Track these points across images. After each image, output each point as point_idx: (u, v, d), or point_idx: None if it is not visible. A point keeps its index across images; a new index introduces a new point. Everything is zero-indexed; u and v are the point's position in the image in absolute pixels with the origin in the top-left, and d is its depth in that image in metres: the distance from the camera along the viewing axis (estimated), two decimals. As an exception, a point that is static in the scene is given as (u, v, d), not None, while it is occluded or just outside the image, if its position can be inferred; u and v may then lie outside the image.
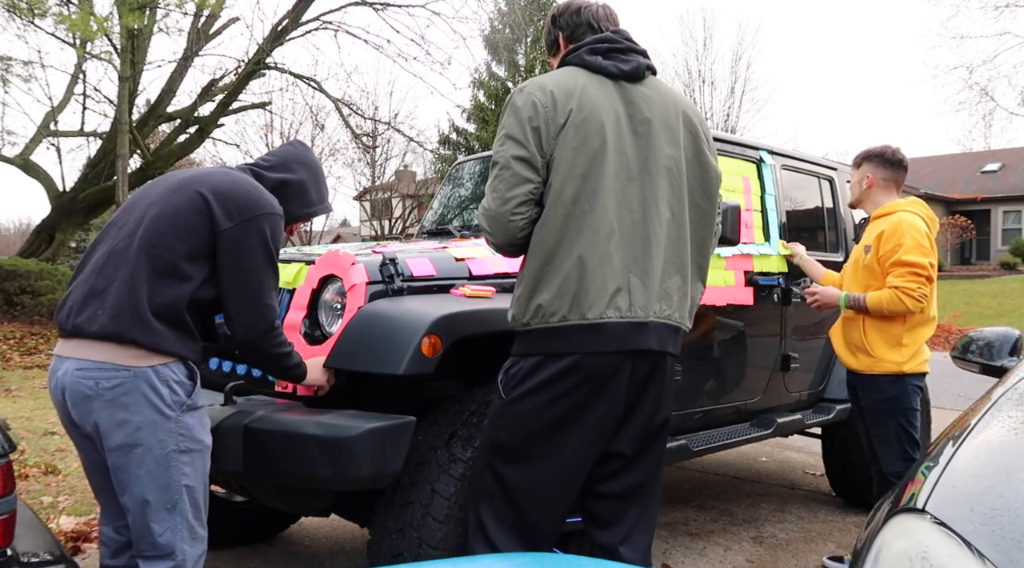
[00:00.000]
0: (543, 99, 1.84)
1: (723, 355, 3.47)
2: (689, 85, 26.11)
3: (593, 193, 1.83)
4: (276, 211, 2.01)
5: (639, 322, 1.86)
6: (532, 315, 1.85)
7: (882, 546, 1.20)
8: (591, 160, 1.84)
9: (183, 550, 1.91)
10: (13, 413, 5.87)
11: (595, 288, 1.82)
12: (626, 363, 1.86)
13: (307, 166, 2.25)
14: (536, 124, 1.82)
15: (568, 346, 1.83)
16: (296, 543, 3.59)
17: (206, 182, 1.97)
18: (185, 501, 1.91)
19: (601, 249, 1.83)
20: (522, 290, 1.89)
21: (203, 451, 1.97)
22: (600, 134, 1.85)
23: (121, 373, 1.83)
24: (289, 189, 2.17)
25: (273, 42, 12.20)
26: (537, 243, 1.85)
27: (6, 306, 10.68)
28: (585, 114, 1.84)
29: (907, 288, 2.86)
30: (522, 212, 1.84)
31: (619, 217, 1.86)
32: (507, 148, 1.84)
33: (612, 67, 1.93)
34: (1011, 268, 24.41)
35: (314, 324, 2.41)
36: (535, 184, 1.83)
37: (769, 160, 3.73)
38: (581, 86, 1.88)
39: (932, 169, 29.99)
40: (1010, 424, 1.46)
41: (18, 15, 10.69)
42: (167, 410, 1.86)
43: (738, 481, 4.78)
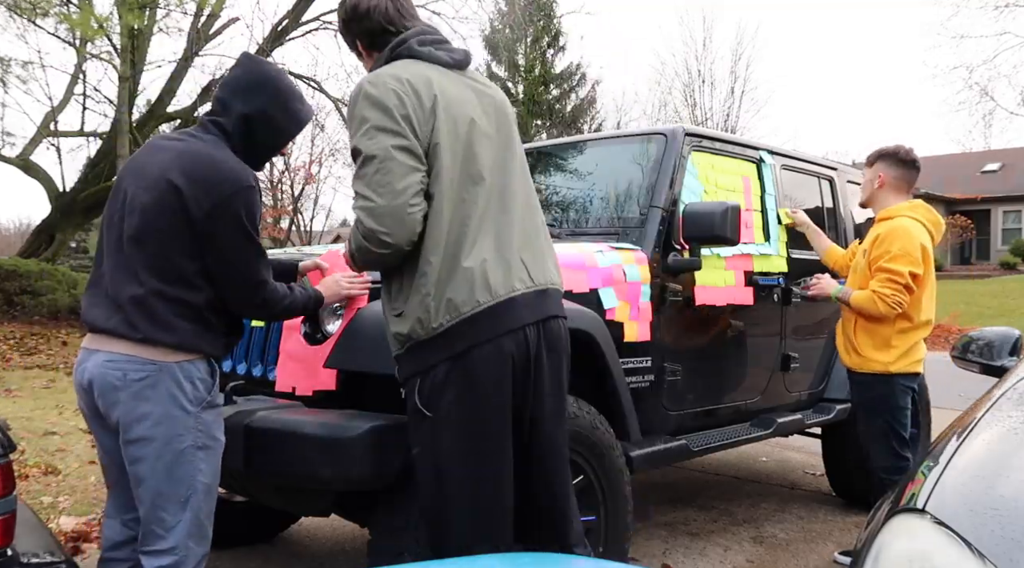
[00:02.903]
0: (403, 88, 1.77)
1: (723, 355, 3.47)
2: (689, 85, 26.09)
3: (474, 176, 1.82)
4: (245, 184, 1.93)
5: (541, 289, 1.87)
6: (444, 313, 1.74)
7: (882, 546, 1.20)
8: (465, 144, 1.81)
9: (188, 547, 1.93)
10: (13, 413, 5.87)
11: (499, 266, 1.80)
12: (533, 334, 1.83)
13: (262, 88, 2.03)
14: (404, 112, 1.75)
15: (483, 332, 1.76)
16: (296, 543, 3.59)
17: (179, 165, 1.92)
18: (199, 497, 1.94)
19: (493, 228, 1.82)
20: (426, 291, 1.75)
21: (218, 449, 2.00)
22: (466, 117, 1.84)
23: (148, 366, 1.87)
24: (252, 123, 2.02)
25: (273, 42, 12.20)
26: (433, 237, 1.75)
27: (6, 306, 10.68)
28: (448, 98, 1.81)
29: (883, 293, 2.96)
30: (417, 203, 1.73)
31: (500, 196, 1.86)
32: (380, 140, 1.73)
33: (446, 57, 1.90)
34: (1011, 268, 24.41)
35: (314, 324, 2.41)
36: (422, 173, 1.76)
37: (769, 160, 3.73)
38: (432, 75, 1.83)
39: (932, 169, 29.91)
40: (1010, 424, 1.46)
41: (19, 15, 10.69)
42: (188, 406, 1.90)
43: (738, 481, 4.78)
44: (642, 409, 2.89)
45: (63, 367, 8.08)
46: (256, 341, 2.58)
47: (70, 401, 6.25)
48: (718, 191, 3.37)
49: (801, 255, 3.82)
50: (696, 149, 3.32)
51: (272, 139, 2.09)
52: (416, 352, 1.80)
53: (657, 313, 3.01)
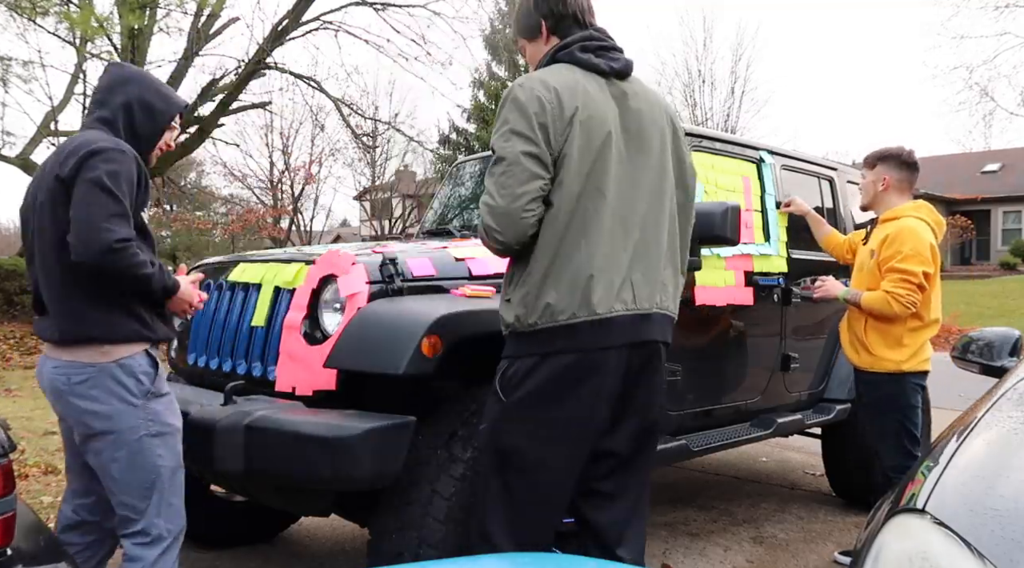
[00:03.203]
0: (548, 96, 1.82)
1: (723, 355, 3.47)
2: (689, 85, 26.08)
3: (597, 190, 1.84)
4: (106, 146, 1.99)
5: (644, 313, 1.89)
6: (540, 314, 1.83)
7: (882, 546, 1.20)
8: (595, 157, 1.84)
9: (160, 525, 2.07)
10: (13, 413, 5.87)
11: (603, 283, 1.83)
12: (626, 356, 1.87)
13: (134, 80, 2.18)
14: (543, 120, 1.81)
15: (576, 343, 1.83)
16: (296, 543, 3.59)
17: (54, 160, 2.05)
18: (163, 480, 2.07)
19: (607, 245, 1.84)
20: (527, 290, 1.86)
21: (174, 433, 2.12)
22: (602, 131, 1.86)
23: (87, 369, 2.00)
24: (132, 110, 2.14)
25: (273, 42, 12.20)
26: (544, 241, 1.84)
27: (6, 306, 10.69)
28: (589, 112, 1.85)
29: (896, 294, 2.96)
30: (533, 209, 1.82)
31: (621, 213, 1.88)
32: (514, 144, 1.81)
33: (604, 65, 1.93)
34: (1011, 268, 24.40)
35: (314, 324, 2.41)
36: (545, 181, 1.82)
37: (769, 160, 3.73)
38: (581, 84, 1.88)
39: (932, 169, 29.93)
40: (1010, 424, 1.46)
41: (20, 14, 10.69)
42: (134, 399, 2.03)
43: (738, 481, 4.78)
44: (642, 409, 2.88)
45: (63, 367, 8.07)
46: (256, 341, 2.58)
47: (70, 401, 6.26)
48: (718, 191, 3.37)
49: (801, 255, 3.83)
50: (696, 149, 3.32)
51: (152, 122, 2.18)
52: (513, 339, 1.91)
53: (657, 313, 3.00)
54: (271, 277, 2.62)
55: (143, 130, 2.17)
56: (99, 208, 1.92)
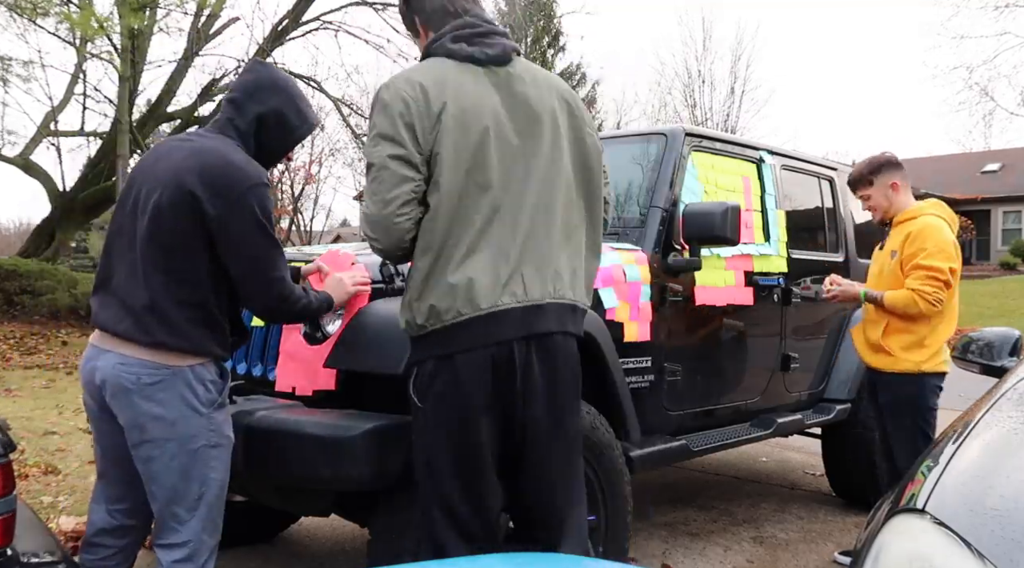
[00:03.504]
0: (413, 93, 1.75)
1: (723, 355, 3.47)
2: (689, 85, 26.11)
3: (479, 185, 1.77)
4: (258, 181, 1.96)
5: (534, 305, 1.80)
6: (427, 317, 1.77)
7: (882, 546, 1.20)
8: (473, 152, 1.76)
9: (202, 540, 2.00)
10: (13, 413, 5.87)
11: (487, 278, 1.75)
12: (522, 348, 1.78)
13: (276, 89, 2.08)
14: (408, 120, 1.74)
15: (465, 341, 1.75)
16: (296, 543, 3.59)
17: (192, 165, 1.94)
18: (212, 493, 2.00)
19: (490, 240, 1.77)
20: (412, 293, 1.80)
21: (229, 446, 2.05)
22: (479, 124, 1.77)
23: (161, 370, 1.92)
24: (266, 123, 2.07)
25: (273, 42, 12.21)
26: (425, 243, 1.77)
27: (6, 306, 10.69)
28: (461, 104, 1.76)
29: (923, 291, 2.91)
30: (406, 212, 1.75)
31: (507, 205, 1.79)
32: (381, 148, 1.75)
33: (479, 53, 1.83)
34: (1011, 268, 24.39)
35: (314, 324, 2.41)
36: (416, 182, 1.75)
37: (769, 160, 3.73)
38: (452, 76, 1.79)
39: (932, 169, 29.96)
40: (1010, 424, 1.46)
41: (20, 15, 10.69)
42: (201, 407, 1.96)
43: (738, 481, 4.78)
44: (642, 409, 2.89)
45: (63, 367, 8.08)
46: (256, 341, 2.58)
47: (70, 401, 6.26)
48: (718, 191, 3.37)
49: (801, 255, 3.83)
50: (696, 149, 3.32)
51: (283, 140, 2.12)
52: (413, 344, 1.86)
53: (657, 313, 3.00)
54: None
55: (271, 149, 2.11)
56: (266, 260, 1.96)
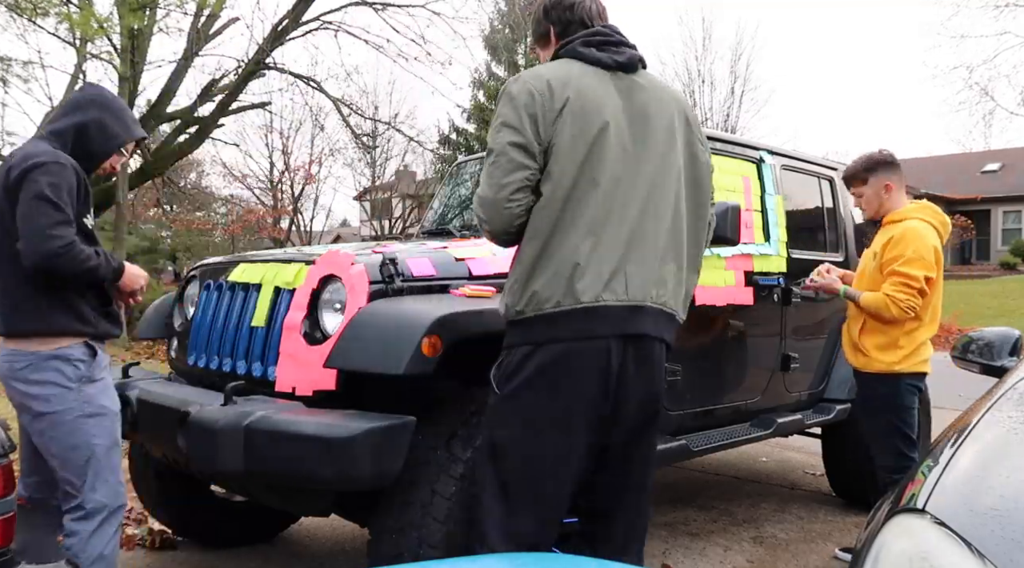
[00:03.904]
0: (539, 87, 1.83)
1: (723, 355, 3.47)
2: (689, 85, 26.06)
3: (591, 180, 1.82)
4: (43, 161, 2.20)
5: (635, 305, 1.84)
6: (527, 303, 1.82)
7: (882, 546, 1.20)
8: (590, 146, 1.82)
9: (95, 500, 2.25)
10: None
11: (591, 272, 1.80)
12: (619, 348, 1.83)
13: (97, 103, 2.38)
14: (532, 111, 1.81)
15: (563, 331, 1.80)
16: (296, 543, 3.59)
17: (7, 167, 2.24)
18: (97, 457, 2.26)
19: (597, 235, 1.82)
20: (516, 278, 1.86)
21: (109, 415, 2.32)
22: (599, 121, 1.84)
23: (28, 356, 2.22)
24: (87, 131, 2.34)
25: (273, 42, 12.20)
26: (533, 230, 1.83)
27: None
28: (583, 102, 1.83)
29: (896, 297, 2.94)
30: (518, 199, 1.82)
31: (617, 203, 1.84)
32: (503, 135, 1.82)
33: (607, 59, 1.92)
34: (1011, 268, 24.39)
35: (314, 324, 2.41)
36: (531, 170, 1.82)
37: (769, 160, 3.73)
38: (577, 75, 1.87)
39: (932, 169, 29.96)
40: (1010, 424, 1.46)
41: (20, 15, 10.69)
42: (70, 383, 2.24)
43: (738, 481, 4.78)
44: (642, 409, 2.88)
45: (63, 367, 8.07)
46: (256, 341, 2.58)
47: (70, 401, 6.27)
48: (718, 191, 3.36)
49: (801, 255, 3.83)
50: (696, 149, 3.32)
51: (105, 145, 2.39)
52: (508, 329, 1.90)
53: (657, 313, 3.00)
54: (271, 277, 2.62)
55: (93, 152, 2.37)
56: (44, 217, 2.15)
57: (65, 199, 2.19)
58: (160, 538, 3.42)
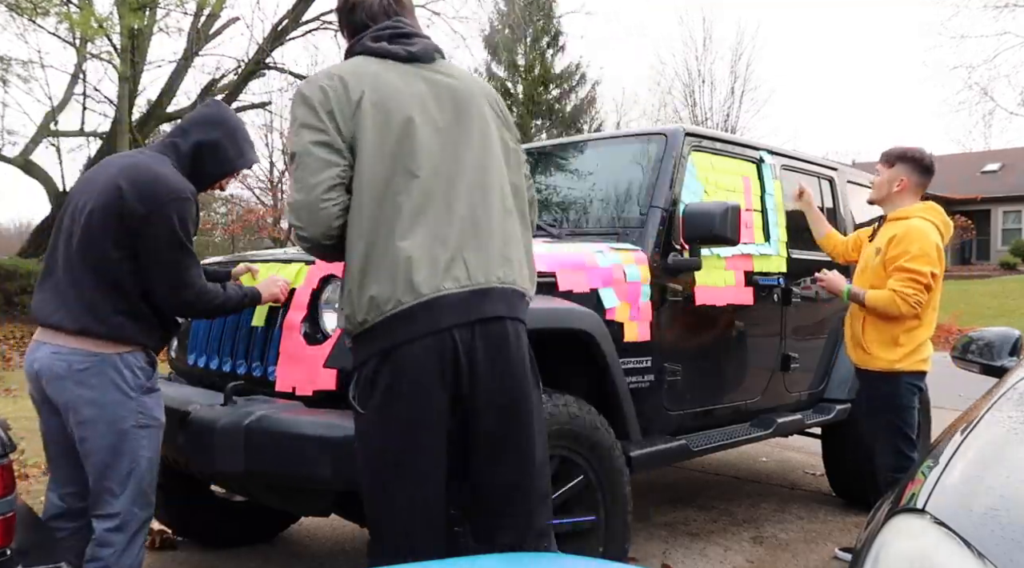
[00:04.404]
0: (332, 83, 1.75)
1: (723, 355, 3.47)
2: (689, 85, 26.11)
3: (407, 172, 1.73)
4: (180, 194, 2.18)
5: (481, 289, 1.73)
6: (367, 310, 1.70)
7: (882, 546, 1.20)
8: (399, 137, 1.74)
9: (132, 512, 2.19)
10: (13, 413, 5.87)
11: (426, 263, 1.69)
12: (466, 336, 1.71)
13: (221, 124, 2.36)
14: (329, 107, 1.73)
15: (412, 331, 1.68)
16: (296, 543, 3.59)
17: (124, 174, 2.17)
18: (141, 470, 2.19)
19: (426, 225, 1.72)
20: (349, 287, 1.74)
21: (159, 428, 2.25)
22: (403, 110, 1.75)
23: (90, 357, 2.13)
24: (204, 150, 2.32)
25: (273, 42, 12.21)
26: (356, 232, 1.72)
27: (6, 306, 10.69)
28: (381, 93, 1.75)
29: (904, 293, 2.95)
30: (332, 197, 1.71)
31: (440, 191, 1.75)
32: (303, 136, 1.73)
33: (399, 50, 1.83)
34: (1011, 268, 24.38)
35: (314, 324, 2.41)
36: (341, 166, 1.72)
37: (769, 160, 3.73)
38: (372, 70, 1.79)
39: (932, 169, 29.92)
40: (1010, 424, 1.46)
41: (20, 14, 10.69)
42: (129, 391, 2.17)
43: (738, 481, 4.78)
44: (642, 409, 2.89)
45: (63, 367, 8.06)
46: (256, 341, 2.58)
47: (70, 401, 6.26)
48: (718, 191, 3.37)
49: (801, 255, 3.83)
50: (696, 149, 3.32)
51: (217, 168, 2.37)
52: (354, 346, 1.78)
53: (657, 313, 3.01)
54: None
55: (204, 175, 2.35)
56: (176, 269, 2.17)
57: (190, 231, 2.20)
58: (160, 538, 3.42)
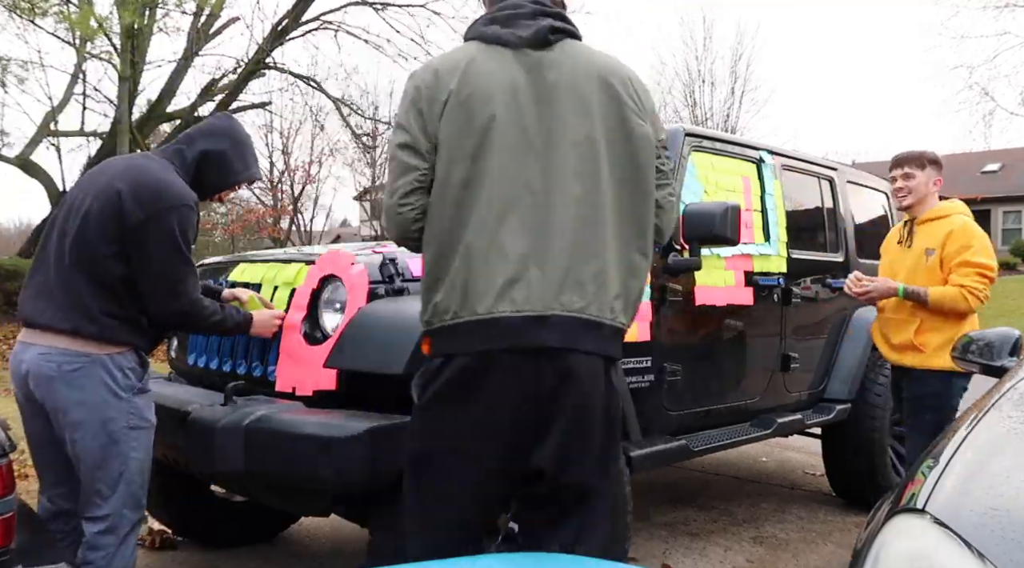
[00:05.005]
0: (426, 79, 1.68)
1: (723, 355, 3.47)
2: (689, 85, 26.10)
3: (484, 174, 1.63)
4: (182, 202, 2.16)
5: (537, 316, 1.60)
6: (432, 314, 1.67)
7: (882, 546, 1.20)
8: (480, 138, 1.63)
9: (123, 513, 2.17)
10: (13, 413, 5.85)
11: (483, 279, 1.61)
12: (529, 364, 1.61)
13: (228, 136, 2.35)
14: (419, 106, 1.67)
15: (463, 345, 1.63)
16: (296, 543, 3.59)
17: (126, 177, 2.15)
18: (132, 471, 2.17)
19: (490, 236, 1.62)
20: (422, 287, 1.73)
21: (149, 429, 2.23)
22: (488, 108, 1.64)
23: (81, 358, 2.10)
24: (209, 160, 2.31)
25: (273, 42, 12.21)
26: (430, 235, 1.69)
27: (6, 306, 10.67)
28: (470, 89, 1.65)
29: (974, 288, 2.96)
30: (411, 202, 1.68)
31: (514, 198, 1.63)
32: (395, 137, 1.72)
33: (509, 35, 1.69)
34: (1011, 268, 24.37)
35: (314, 324, 2.41)
36: (420, 171, 1.67)
37: (769, 160, 3.73)
38: (469, 60, 1.68)
39: (932, 169, 29.93)
40: (1010, 424, 1.46)
41: (19, 14, 10.68)
42: (120, 392, 2.14)
43: (738, 481, 4.78)
44: (642, 409, 2.89)
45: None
46: (256, 341, 2.58)
47: (70, 401, 6.26)
48: (718, 191, 3.37)
49: (801, 255, 3.83)
50: (696, 149, 3.32)
51: (220, 179, 2.35)
52: (428, 340, 1.75)
53: (657, 313, 3.00)
54: (271, 277, 2.62)
55: (207, 184, 2.34)
56: (173, 279, 2.15)
57: (189, 240, 2.19)
58: (160, 538, 3.42)
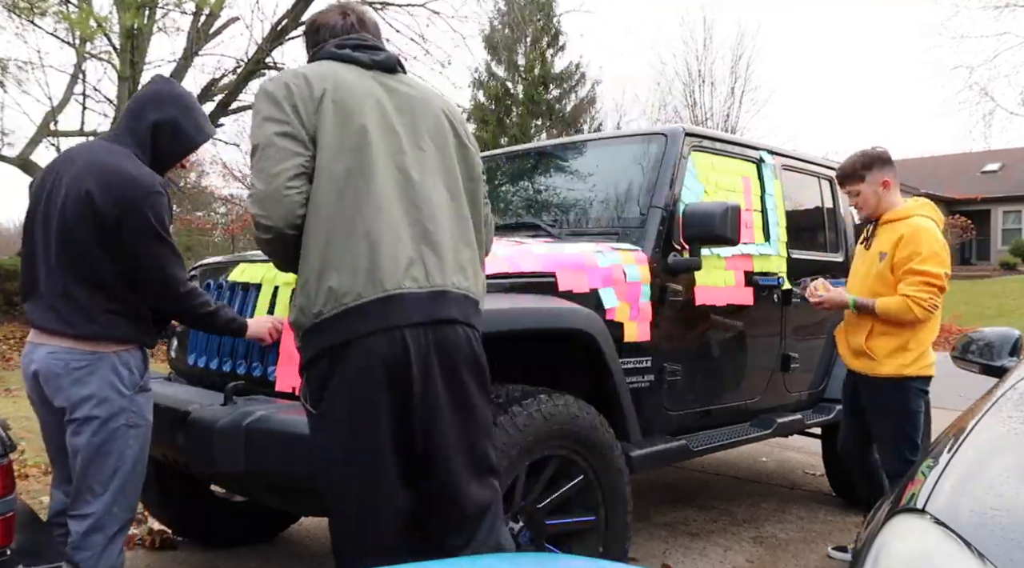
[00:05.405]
0: (296, 80, 1.79)
1: (723, 355, 3.47)
2: (689, 85, 26.07)
3: (367, 167, 1.76)
4: (151, 190, 2.14)
5: (439, 290, 1.75)
6: (325, 300, 1.69)
7: (882, 546, 1.20)
8: (358, 135, 1.77)
9: (111, 513, 2.17)
10: (13, 413, 5.87)
11: (387, 260, 1.71)
12: (419, 337, 1.70)
13: (174, 101, 2.28)
14: (293, 102, 1.76)
15: (366, 325, 1.67)
16: (296, 543, 3.59)
17: (94, 175, 2.13)
18: (126, 470, 2.18)
19: (387, 222, 1.74)
20: (307, 276, 1.73)
21: (147, 428, 2.24)
22: (361, 108, 1.79)
23: (87, 356, 2.13)
24: (162, 131, 2.26)
25: (273, 42, 12.20)
26: (314, 223, 1.73)
27: (6, 306, 10.68)
28: (342, 93, 1.79)
29: (918, 298, 2.84)
30: (296, 185, 1.72)
31: (399, 191, 1.78)
32: (267, 128, 1.75)
33: (364, 57, 1.89)
34: (1011, 268, 24.38)
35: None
36: (304, 157, 1.74)
37: (769, 160, 3.73)
38: (334, 70, 1.84)
39: (932, 169, 29.96)
40: (1010, 424, 1.46)
41: (18, 14, 10.68)
42: (124, 389, 2.17)
43: (738, 481, 4.78)
44: (642, 409, 2.89)
45: (63, 367, 8.06)
46: (256, 341, 2.58)
47: (70, 401, 6.26)
48: (718, 191, 3.37)
49: (801, 255, 3.83)
50: (696, 149, 3.32)
51: (178, 147, 2.31)
52: (305, 341, 1.76)
53: (657, 313, 3.01)
54: (271, 277, 2.61)
55: (165, 155, 2.30)
56: (159, 258, 2.15)
57: (166, 225, 2.17)
58: (160, 538, 3.42)
